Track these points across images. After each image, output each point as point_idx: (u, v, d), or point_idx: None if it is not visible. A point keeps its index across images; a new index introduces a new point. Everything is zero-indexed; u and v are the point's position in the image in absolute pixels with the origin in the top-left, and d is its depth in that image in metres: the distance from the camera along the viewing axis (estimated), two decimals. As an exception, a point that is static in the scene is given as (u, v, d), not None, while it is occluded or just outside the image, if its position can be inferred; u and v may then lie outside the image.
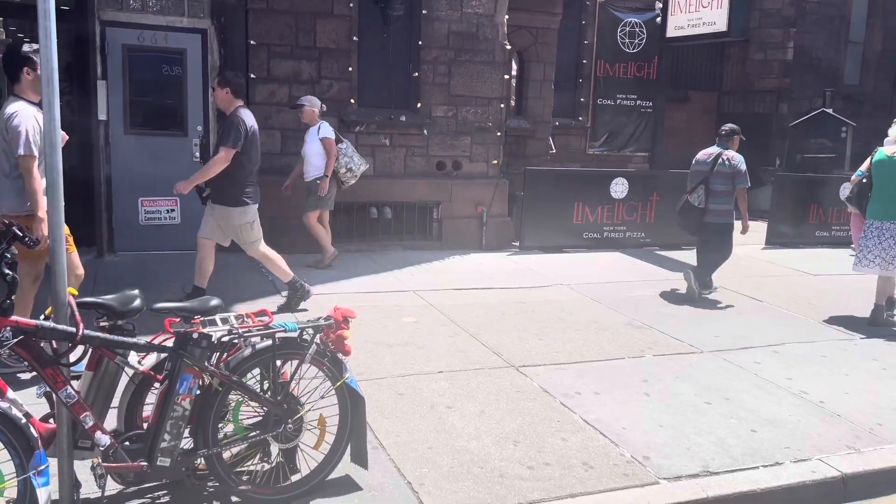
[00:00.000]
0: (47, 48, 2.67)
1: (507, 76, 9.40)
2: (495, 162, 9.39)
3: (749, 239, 8.01)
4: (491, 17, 9.09)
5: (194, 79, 8.04)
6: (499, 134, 9.39)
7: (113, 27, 7.68)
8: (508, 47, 9.44)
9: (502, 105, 9.35)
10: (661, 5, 12.68)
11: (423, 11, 8.75)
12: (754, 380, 5.08)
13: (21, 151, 4.18)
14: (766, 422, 4.39)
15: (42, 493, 2.63)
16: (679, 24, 12.45)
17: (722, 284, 7.77)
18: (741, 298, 7.33)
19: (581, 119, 12.83)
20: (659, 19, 12.72)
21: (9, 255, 2.63)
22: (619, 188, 9.71)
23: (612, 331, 5.82)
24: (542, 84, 11.47)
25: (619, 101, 12.98)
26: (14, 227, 2.69)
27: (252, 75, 8.08)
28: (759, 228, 9.23)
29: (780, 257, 8.91)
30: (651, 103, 12.93)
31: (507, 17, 9.23)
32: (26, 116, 4.25)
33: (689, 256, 8.27)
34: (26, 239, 2.73)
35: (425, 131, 8.97)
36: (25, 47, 4.36)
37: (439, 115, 9.03)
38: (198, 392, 3.01)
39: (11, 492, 2.66)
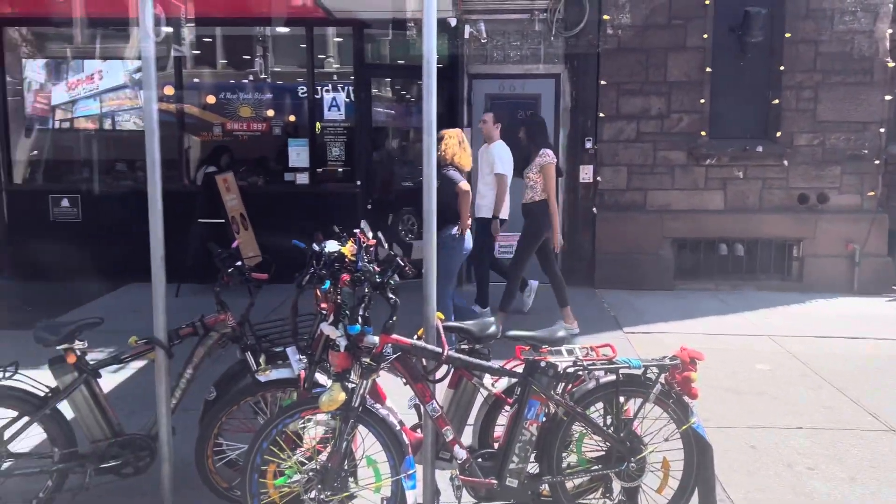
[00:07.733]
0: (429, 103, 3.10)
1: (888, 97, 8.24)
2: (871, 193, 8.26)
3: None
4: (869, 33, 8.08)
5: (546, 120, 8.49)
6: (876, 162, 8.25)
7: (479, 79, 8.53)
8: (891, 64, 8.28)
9: (881, 129, 8.21)
10: None
11: (787, 34, 8.12)
12: None
13: None
14: None
15: (410, 496, 2.96)
16: None
17: None
18: None
19: None
20: None
21: (392, 283, 3.04)
22: None
23: None
24: (935, 103, 9.80)
25: None
26: (398, 259, 3.10)
27: (601, 114, 8.28)
28: None
29: None
30: None
31: (889, 31, 8.12)
32: None
33: None
34: (406, 268, 3.13)
35: (785, 161, 8.26)
36: None
37: (802, 144, 8.25)
38: (544, 419, 3.13)
39: (385, 490, 3.04)
